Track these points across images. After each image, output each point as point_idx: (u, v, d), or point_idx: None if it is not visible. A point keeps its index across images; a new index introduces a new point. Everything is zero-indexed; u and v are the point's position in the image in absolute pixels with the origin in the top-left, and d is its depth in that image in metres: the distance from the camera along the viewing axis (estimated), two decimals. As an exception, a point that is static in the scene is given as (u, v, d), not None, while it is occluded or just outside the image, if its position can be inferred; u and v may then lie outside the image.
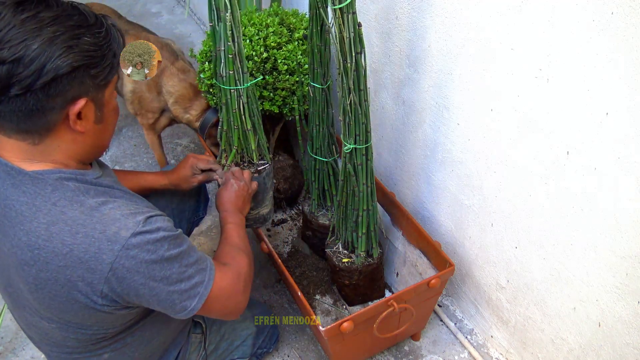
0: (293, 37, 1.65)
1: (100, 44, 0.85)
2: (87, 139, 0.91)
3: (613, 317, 1.14)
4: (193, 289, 0.96)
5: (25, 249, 0.87)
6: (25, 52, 0.78)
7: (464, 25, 1.22)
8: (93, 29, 0.85)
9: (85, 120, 0.88)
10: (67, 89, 0.82)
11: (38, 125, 0.84)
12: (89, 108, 0.88)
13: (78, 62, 0.82)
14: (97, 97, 0.88)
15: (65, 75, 0.81)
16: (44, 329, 0.99)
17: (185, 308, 0.96)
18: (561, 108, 1.07)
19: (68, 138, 0.89)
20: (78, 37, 0.82)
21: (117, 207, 0.89)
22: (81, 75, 0.83)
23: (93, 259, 0.86)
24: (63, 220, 0.86)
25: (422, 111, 1.49)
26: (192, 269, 0.96)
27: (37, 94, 0.80)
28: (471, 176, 1.40)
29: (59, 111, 0.84)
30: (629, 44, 0.89)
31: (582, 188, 1.09)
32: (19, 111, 0.81)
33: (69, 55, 0.80)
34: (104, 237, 0.86)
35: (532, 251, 1.29)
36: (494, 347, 1.59)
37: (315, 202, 1.61)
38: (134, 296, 0.91)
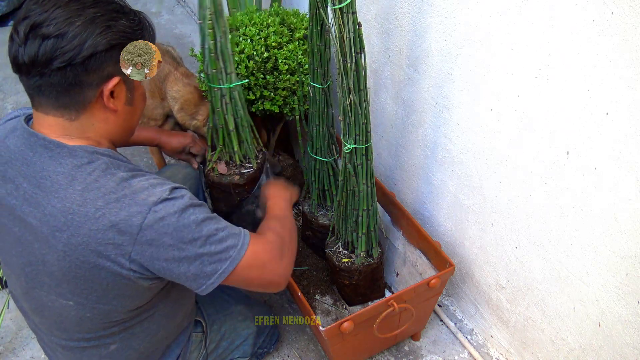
0: (294, 37, 1.65)
1: (134, 28, 0.93)
2: (118, 119, 0.98)
3: (613, 317, 1.14)
4: (225, 252, 0.98)
5: (59, 214, 0.91)
6: (69, 29, 0.86)
7: (464, 25, 1.22)
8: (129, 15, 0.94)
9: (117, 100, 0.95)
10: (103, 66, 0.90)
11: (75, 100, 0.91)
12: (121, 88, 0.95)
13: (115, 40, 0.90)
14: (129, 80, 0.96)
15: (102, 52, 0.88)
16: (58, 310, 1.00)
17: (216, 270, 0.98)
18: (561, 108, 1.07)
19: (101, 117, 0.96)
20: (115, 19, 0.90)
21: (145, 180, 0.96)
22: (117, 54, 0.91)
23: (123, 221, 0.91)
24: (97, 188, 0.92)
25: (422, 111, 1.49)
26: (224, 232, 0.99)
27: (77, 68, 0.87)
28: (471, 176, 1.40)
29: (95, 87, 0.91)
30: (629, 44, 0.89)
31: (582, 188, 1.09)
32: (58, 84, 0.88)
33: (107, 33, 0.89)
34: (134, 202, 0.92)
35: (532, 251, 1.30)
36: (494, 347, 1.59)
37: (315, 202, 1.61)
38: (163, 260, 0.94)
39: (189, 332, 1.26)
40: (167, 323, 1.16)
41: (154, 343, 1.15)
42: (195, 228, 0.95)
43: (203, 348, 1.29)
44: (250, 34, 1.60)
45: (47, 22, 0.86)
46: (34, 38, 0.86)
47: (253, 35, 1.59)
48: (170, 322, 1.16)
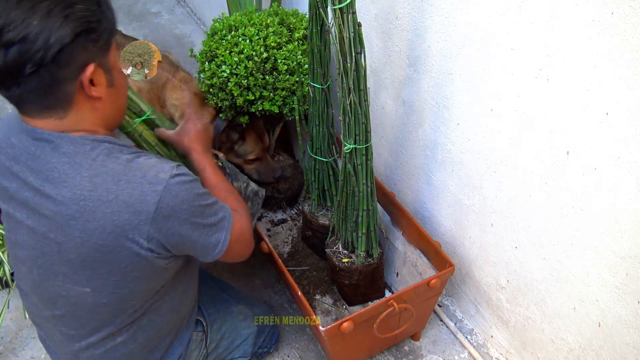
0: (293, 37, 1.65)
1: (92, 9, 0.89)
2: (106, 104, 0.97)
3: (613, 317, 1.14)
4: (221, 222, 1.05)
5: (71, 203, 0.92)
6: (28, 30, 0.82)
7: (464, 25, 1.22)
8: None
9: (99, 86, 0.93)
10: (74, 57, 0.87)
11: (58, 99, 0.90)
12: (98, 73, 0.92)
13: (78, 28, 0.86)
14: (104, 62, 0.93)
15: (69, 43, 0.85)
16: (74, 298, 1.02)
17: (219, 240, 1.05)
18: (561, 108, 1.07)
19: (89, 107, 0.94)
20: (71, 6, 0.86)
21: (149, 158, 0.98)
22: (83, 41, 0.87)
23: (138, 201, 0.92)
24: (104, 172, 0.93)
25: (422, 111, 1.49)
26: (216, 205, 1.05)
27: (50, 67, 0.85)
28: (471, 176, 1.40)
29: (73, 80, 0.89)
30: (629, 44, 0.89)
31: (582, 188, 1.09)
32: (37, 89, 0.87)
33: (68, 24, 0.85)
34: (146, 181, 0.93)
35: (532, 251, 1.29)
36: (494, 347, 1.59)
37: (315, 202, 1.61)
38: (177, 235, 0.98)
39: (190, 331, 1.26)
40: (172, 317, 1.17)
41: (157, 338, 1.16)
42: (202, 201, 1.01)
43: (204, 347, 1.30)
44: (249, 35, 1.60)
45: (6, 29, 0.82)
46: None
47: (252, 36, 1.59)
48: (175, 316, 1.18)
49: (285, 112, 1.67)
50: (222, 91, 1.62)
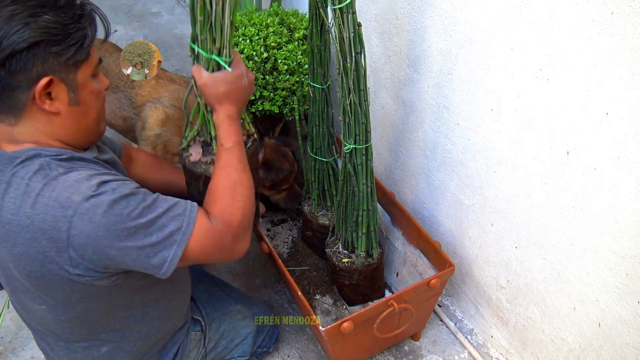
0: (293, 37, 1.65)
1: (64, 22, 0.85)
2: (65, 121, 0.91)
3: (613, 317, 1.14)
4: (169, 239, 0.91)
5: (1, 225, 0.88)
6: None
7: (464, 25, 1.22)
8: (59, 9, 0.85)
9: (57, 101, 0.88)
10: (28, 66, 0.83)
11: (8, 105, 0.86)
12: (59, 88, 0.88)
13: (35, 38, 0.82)
14: (68, 78, 0.88)
15: (23, 50, 0.82)
16: (38, 313, 0.99)
17: (165, 259, 0.91)
18: (561, 108, 1.07)
19: (43, 119, 0.89)
20: (38, 15, 0.83)
21: (76, 175, 0.88)
22: (42, 52, 0.83)
23: (51, 228, 0.85)
24: (27, 193, 0.86)
25: (422, 111, 1.49)
26: (164, 218, 0.91)
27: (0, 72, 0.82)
28: (471, 176, 1.40)
29: (25, 90, 0.85)
30: (629, 44, 0.89)
31: (582, 188, 1.09)
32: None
33: (25, 31, 0.81)
34: (58, 205, 0.85)
35: (532, 251, 1.29)
36: (494, 347, 1.59)
37: (315, 202, 1.61)
38: (106, 260, 0.89)
39: (185, 330, 1.25)
40: (161, 325, 1.15)
41: (148, 345, 1.15)
42: (129, 222, 0.87)
43: (202, 347, 1.29)
44: (249, 35, 1.60)
45: None
46: None
47: (252, 36, 1.59)
48: (165, 324, 1.16)
49: (285, 112, 1.67)
50: (222, 91, 1.62)
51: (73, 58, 0.87)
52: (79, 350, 1.07)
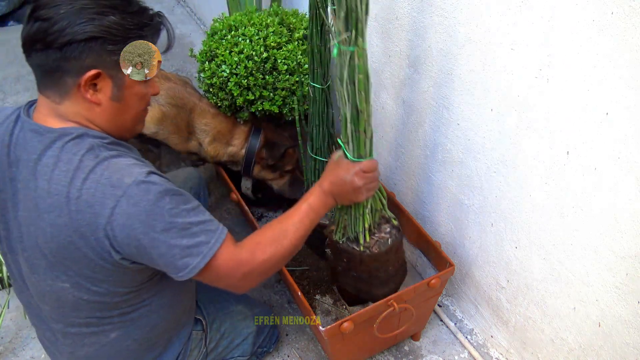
0: (293, 37, 1.65)
1: (127, 27, 0.93)
2: (103, 112, 0.98)
3: (613, 317, 1.14)
4: (196, 247, 0.95)
5: (46, 196, 0.93)
6: (55, 15, 0.89)
7: (464, 25, 1.22)
8: (127, 14, 0.93)
9: (100, 93, 0.95)
10: (82, 56, 0.91)
11: (57, 85, 0.94)
12: (105, 82, 0.95)
13: (95, 33, 0.90)
14: (117, 76, 0.96)
15: (80, 41, 0.89)
16: (56, 294, 1.01)
17: (187, 265, 0.95)
18: (561, 108, 1.07)
19: (85, 106, 0.96)
20: (105, 14, 0.91)
21: (126, 160, 0.95)
22: (98, 47, 0.91)
23: (98, 203, 0.91)
24: (79, 168, 0.92)
25: (422, 111, 1.49)
26: (198, 228, 0.96)
27: (56, 54, 0.90)
28: (471, 176, 1.40)
29: (74, 76, 0.92)
30: (629, 44, 0.89)
31: (582, 188, 1.09)
32: (42, 66, 0.92)
33: (88, 25, 0.89)
34: (109, 183, 0.91)
35: (532, 251, 1.29)
36: (494, 347, 1.59)
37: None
38: (134, 247, 0.93)
39: (189, 329, 1.26)
40: (167, 314, 1.16)
41: (154, 335, 1.16)
42: (169, 217, 0.92)
43: (203, 346, 1.30)
44: (249, 34, 1.60)
45: (42, 6, 0.90)
46: (31, 19, 0.90)
47: (252, 36, 1.59)
48: (171, 313, 1.17)
49: (285, 112, 1.67)
50: (222, 91, 1.62)
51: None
52: (87, 337, 1.08)
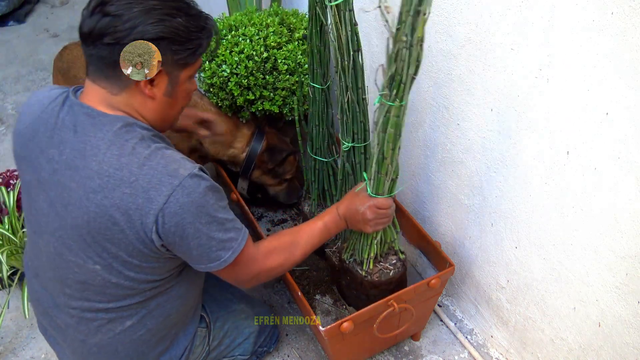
0: (293, 37, 1.65)
1: (190, 29, 0.99)
2: (155, 107, 1.04)
3: (613, 317, 1.14)
4: (229, 242, 1.05)
5: (95, 177, 0.97)
6: (126, 12, 0.94)
7: (464, 25, 1.22)
8: (190, 17, 1.00)
9: (156, 88, 1.01)
10: None
11: (118, 77, 0.98)
12: (162, 79, 1.01)
13: (164, 34, 0.96)
14: (173, 74, 1.02)
15: (148, 40, 0.95)
16: (85, 275, 1.04)
17: (220, 257, 1.04)
18: (561, 108, 1.07)
19: (140, 99, 1.02)
20: (173, 16, 0.97)
21: (175, 152, 1.03)
22: (163, 46, 0.97)
23: (154, 189, 0.96)
24: (132, 154, 0.97)
25: (422, 111, 1.49)
26: (230, 224, 1.05)
27: (122, 48, 0.94)
28: (471, 176, 1.40)
29: None
30: (629, 44, 0.89)
31: (582, 188, 1.09)
32: (106, 58, 0.96)
33: (158, 25, 0.95)
34: (165, 172, 0.97)
35: (532, 251, 1.29)
36: (494, 347, 1.59)
37: (315, 202, 1.61)
38: (178, 236, 0.99)
39: (195, 325, 1.27)
40: (180, 306, 1.18)
41: (165, 326, 1.17)
42: (213, 212, 1.01)
43: (206, 344, 1.30)
44: (249, 34, 1.60)
45: (111, 2, 0.94)
46: (97, 13, 0.94)
47: (252, 36, 1.59)
48: (183, 305, 1.19)
49: (285, 112, 1.67)
50: (222, 91, 1.62)
51: (184, 59, 1.01)
52: (103, 324, 1.09)
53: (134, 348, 1.14)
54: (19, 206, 1.68)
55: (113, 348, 1.13)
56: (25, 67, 2.86)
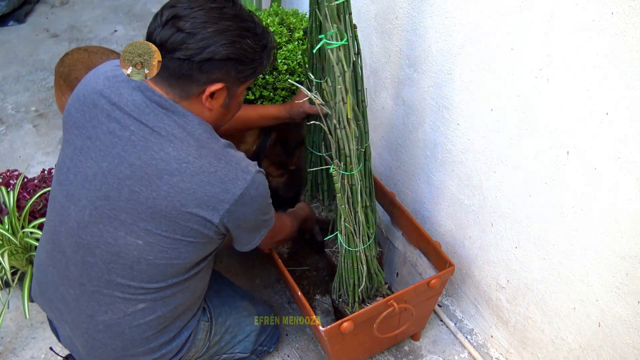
0: (293, 37, 1.65)
1: (256, 49, 1.05)
2: (211, 115, 1.10)
3: (613, 317, 1.14)
4: (267, 221, 1.20)
5: (172, 161, 1.02)
6: (200, 31, 0.98)
7: (464, 25, 1.22)
8: (257, 37, 1.05)
9: (215, 101, 1.07)
10: (214, 71, 1.02)
11: (181, 88, 1.04)
12: (222, 92, 1.07)
13: (233, 55, 1.01)
14: (233, 88, 1.08)
15: (218, 60, 1.00)
16: (119, 248, 1.07)
17: (255, 239, 1.20)
18: (561, 108, 1.07)
19: (198, 108, 1.07)
20: (243, 37, 1.02)
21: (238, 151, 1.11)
22: (229, 66, 1.02)
23: (231, 182, 1.05)
24: (209, 147, 1.05)
25: (422, 111, 1.49)
26: (271, 207, 1.20)
27: (192, 65, 1.00)
28: (471, 176, 1.40)
29: (200, 85, 1.03)
30: (629, 44, 0.89)
31: (582, 188, 1.09)
32: (173, 70, 1.01)
33: (229, 47, 1.00)
34: (239, 168, 1.07)
35: (532, 251, 1.29)
36: (494, 347, 1.59)
37: (309, 193, 1.62)
38: (241, 222, 1.10)
39: (197, 317, 1.27)
40: (189, 297, 1.20)
41: (172, 315, 1.18)
42: (269, 200, 1.15)
43: (207, 339, 1.30)
44: (250, 34, 1.60)
45: (186, 18, 0.98)
46: (171, 26, 0.99)
47: (253, 35, 1.59)
48: (190, 297, 1.20)
49: (285, 112, 1.67)
50: (222, 91, 1.62)
51: (245, 77, 1.08)
52: (116, 302, 1.11)
53: (140, 333, 1.15)
54: (19, 206, 1.68)
55: (120, 329, 1.13)
56: (25, 67, 2.86)
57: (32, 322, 1.69)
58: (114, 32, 3.13)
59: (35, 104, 2.62)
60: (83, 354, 1.19)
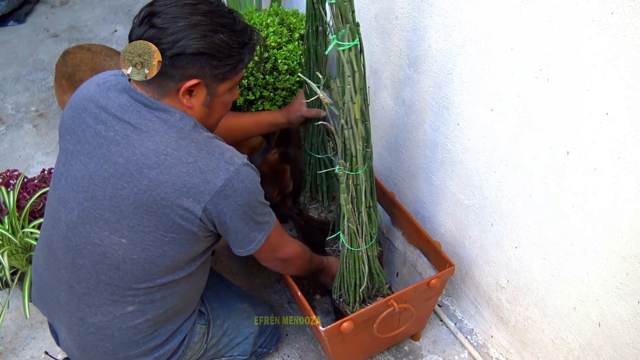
0: (293, 37, 1.65)
1: (231, 45, 1.03)
2: (193, 115, 1.08)
3: (613, 317, 1.14)
4: (263, 225, 1.15)
5: (151, 154, 1.02)
6: (171, 26, 0.98)
7: (464, 25, 1.22)
8: (234, 33, 1.03)
9: (194, 98, 1.06)
10: (188, 66, 1.01)
11: (158, 85, 1.03)
12: (200, 90, 1.05)
13: (204, 49, 1.00)
14: (212, 86, 1.06)
15: (190, 54, 0.99)
16: (105, 248, 1.07)
17: (255, 238, 1.14)
18: (561, 108, 1.07)
19: (179, 107, 1.06)
20: (215, 32, 1.01)
21: (225, 143, 1.09)
22: (203, 61, 1.01)
23: (211, 172, 1.02)
24: (189, 138, 1.04)
25: (422, 111, 1.49)
26: (267, 209, 1.15)
27: (165, 60, 0.99)
28: (471, 176, 1.40)
29: (176, 81, 1.03)
30: (629, 44, 0.89)
31: (582, 188, 1.09)
32: None
33: (200, 41, 0.99)
34: (222, 158, 1.04)
35: (532, 251, 1.29)
36: (494, 347, 1.59)
37: (308, 194, 1.62)
38: (227, 218, 1.06)
39: (192, 321, 1.26)
40: (181, 302, 1.19)
41: (163, 319, 1.17)
42: (258, 198, 1.10)
43: (204, 342, 1.30)
44: (250, 34, 1.60)
45: (159, 14, 0.99)
46: (146, 23, 1.00)
47: (253, 35, 1.59)
48: (181, 300, 1.19)
49: (285, 112, 1.67)
50: (222, 91, 1.62)
51: (223, 74, 1.05)
52: (105, 304, 1.11)
53: (129, 336, 1.14)
54: (19, 206, 1.68)
55: (110, 332, 1.13)
56: (25, 67, 2.86)
57: (32, 322, 1.69)
58: (114, 32, 3.13)
59: (35, 104, 2.62)
60: (77, 356, 1.19)
